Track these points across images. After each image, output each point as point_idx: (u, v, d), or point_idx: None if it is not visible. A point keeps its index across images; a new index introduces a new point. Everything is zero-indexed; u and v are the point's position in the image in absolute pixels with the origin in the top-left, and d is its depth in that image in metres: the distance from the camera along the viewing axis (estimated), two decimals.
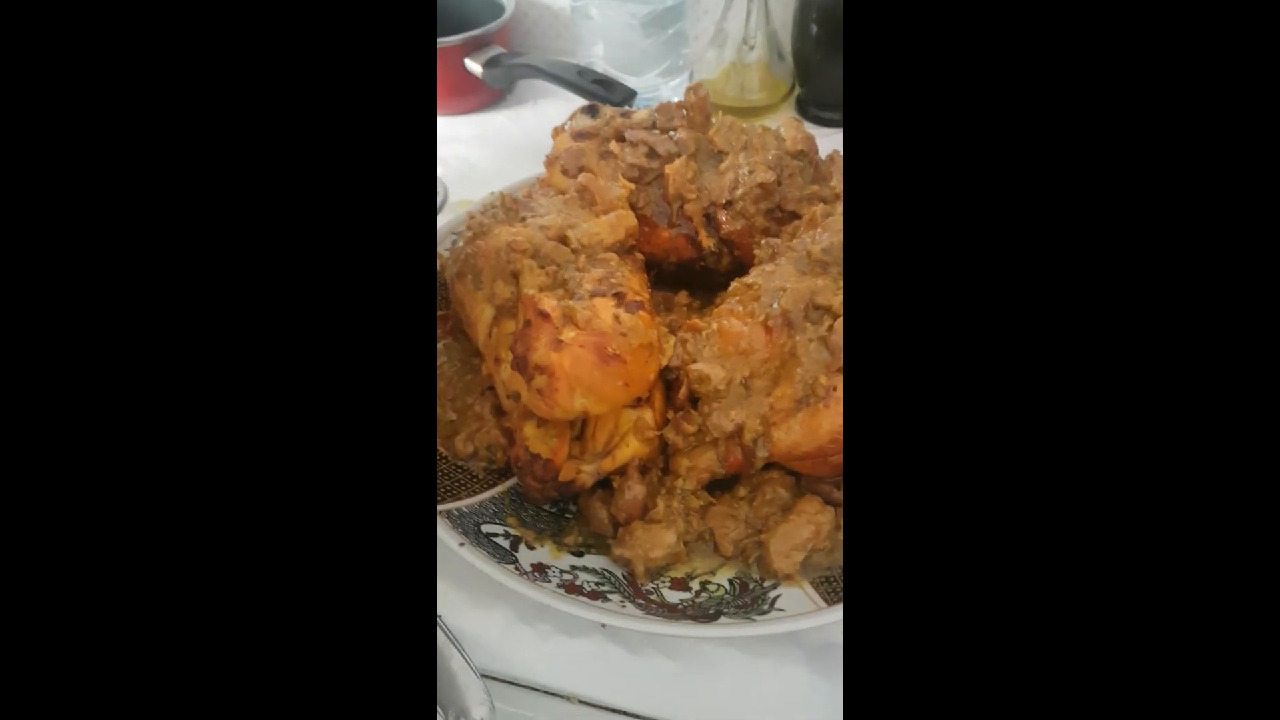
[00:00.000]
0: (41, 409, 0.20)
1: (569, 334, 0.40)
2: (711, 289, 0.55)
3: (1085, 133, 0.21)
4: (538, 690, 0.43)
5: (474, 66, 0.79)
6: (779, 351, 0.43)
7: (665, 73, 0.80)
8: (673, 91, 0.81)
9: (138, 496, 0.20)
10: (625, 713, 0.42)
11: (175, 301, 0.21)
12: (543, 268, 0.44)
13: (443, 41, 0.76)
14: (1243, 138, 0.20)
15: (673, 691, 0.41)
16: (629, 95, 0.71)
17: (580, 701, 0.43)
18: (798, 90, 0.82)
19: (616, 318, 0.41)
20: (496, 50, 0.80)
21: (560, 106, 0.82)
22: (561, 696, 0.43)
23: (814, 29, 0.75)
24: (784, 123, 0.57)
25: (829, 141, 0.62)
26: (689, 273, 0.57)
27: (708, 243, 0.55)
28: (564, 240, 0.46)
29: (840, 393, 0.41)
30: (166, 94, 0.20)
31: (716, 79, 0.80)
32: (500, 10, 0.81)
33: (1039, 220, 0.21)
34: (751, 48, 0.78)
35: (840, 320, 0.42)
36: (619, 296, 0.42)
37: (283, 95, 0.21)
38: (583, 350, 0.39)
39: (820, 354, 0.42)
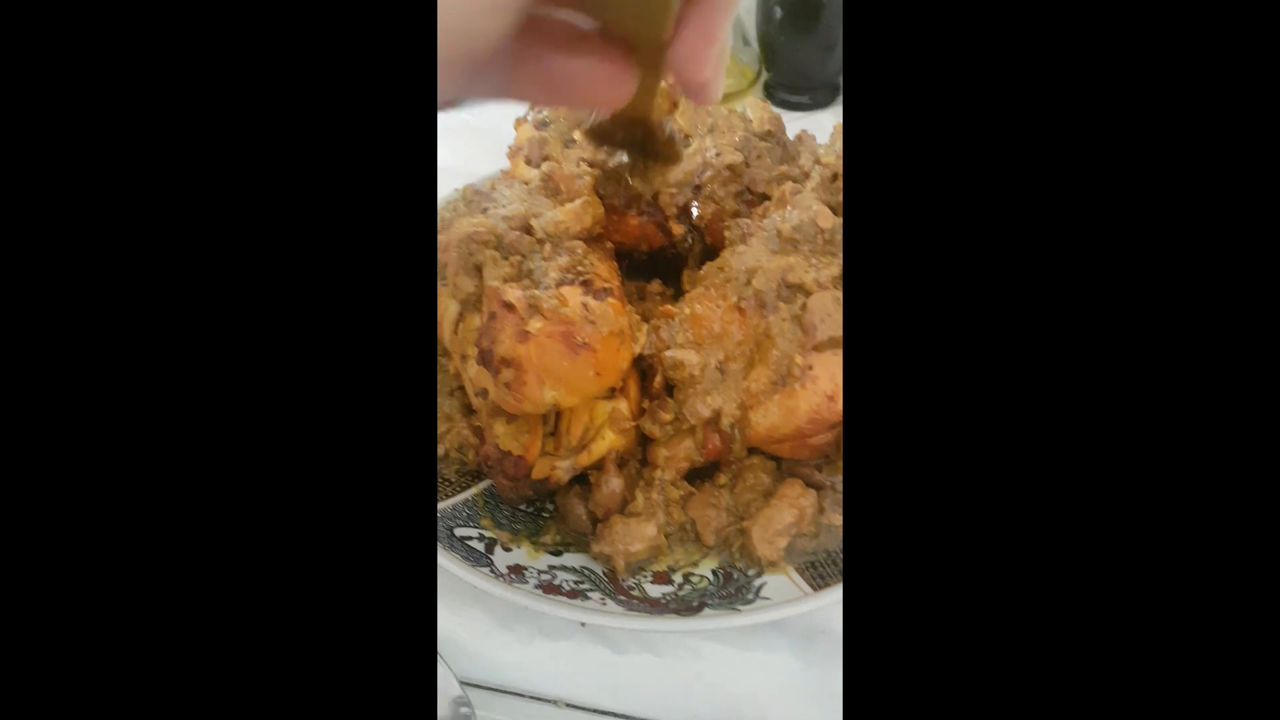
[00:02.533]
0: (32, 425, 0.19)
1: (535, 324, 0.38)
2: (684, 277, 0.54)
3: (1089, 133, 0.20)
4: (523, 696, 0.41)
5: None
6: (753, 333, 0.42)
7: None
8: None
9: (125, 497, 0.20)
10: (613, 714, 0.40)
11: (168, 306, 0.20)
12: (506, 259, 0.42)
13: None
14: (1244, 134, 0.19)
15: (660, 689, 0.39)
16: None
17: (567, 705, 0.41)
18: (764, 75, 0.81)
19: (584, 305, 0.39)
20: None
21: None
22: (548, 701, 0.41)
23: (777, 11, 0.75)
24: (749, 104, 0.56)
25: (798, 124, 0.61)
26: (661, 261, 0.56)
27: (678, 229, 0.53)
28: (528, 230, 0.44)
29: (816, 372, 0.40)
30: (159, 91, 0.20)
31: None
32: None
33: (1041, 212, 0.20)
34: None
35: (813, 297, 0.41)
36: (586, 284, 0.41)
37: (286, 97, 0.20)
38: (550, 340, 0.38)
39: (794, 333, 0.41)
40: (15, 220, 0.19)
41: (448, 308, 0.45)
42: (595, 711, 0.41)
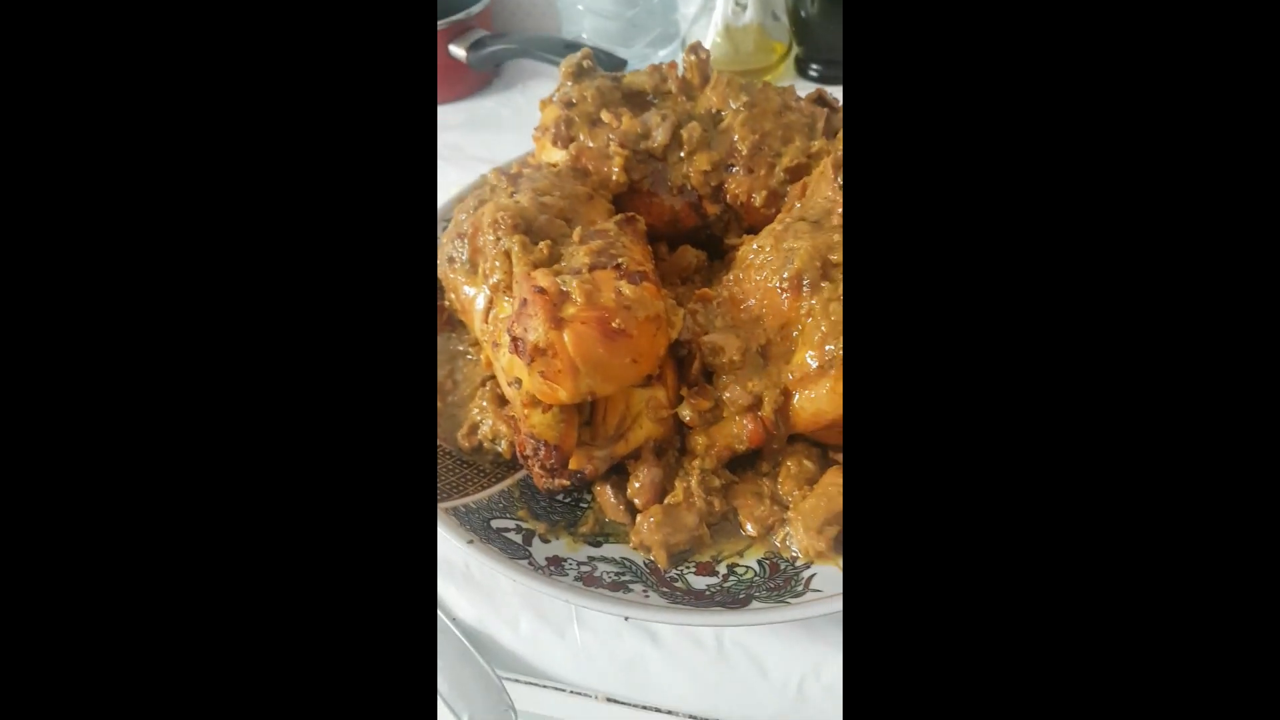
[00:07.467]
0: (44, 403, 0.19)
1: (569, 310, 0.37)
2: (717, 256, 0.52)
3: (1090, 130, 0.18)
4: (562, 690, 0.40)
5: (458, 52, 0.76)
6: (796, 315, 0.40)
7: (655, 41, 0.77)
8: (664, 60, 0.78)
9: (133, 490, 0.20)
10: (655, 709, 0.39)
11: (170, 301, 0.20)
12: (536, 243, 0.41)
13: None
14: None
15: (705, 684, 0.38)
16: (619, 65, 0.68)
17: (608, 700, 0.40)
18: (795, 50, 0.79)
19: (618, 290, 0.38)
20: (480, 33, 0.77)
21: (548, 86, 0.79)
22: (587, 696, 0.40)
23: None
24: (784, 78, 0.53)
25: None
26: (694, 242, 0.54)
27: (713, 209, 0.52)
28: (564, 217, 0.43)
29: None
30: (159, 90, 0.19)
31: (710, 45, 0.77)
32: None
33: (1039, 205, 0.19)
34: (744, 8, 0.74)
35: None
36: (619, 268, 0.39)
37: (285, 90, 0.20)
38: (585, 327, 0.36)
39: (840, 314, 0.39)
40: (14, 214, 0.19)
41: (477, 296, 0.44)
42: (636, 706, 0.39)
